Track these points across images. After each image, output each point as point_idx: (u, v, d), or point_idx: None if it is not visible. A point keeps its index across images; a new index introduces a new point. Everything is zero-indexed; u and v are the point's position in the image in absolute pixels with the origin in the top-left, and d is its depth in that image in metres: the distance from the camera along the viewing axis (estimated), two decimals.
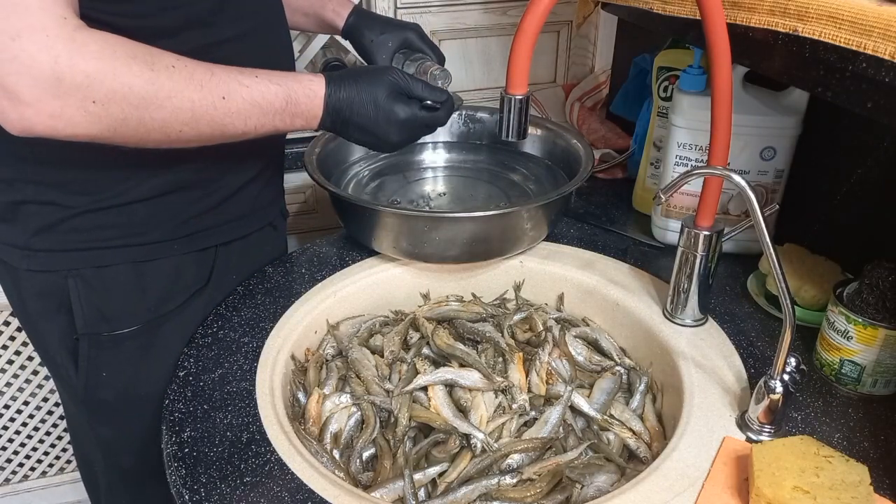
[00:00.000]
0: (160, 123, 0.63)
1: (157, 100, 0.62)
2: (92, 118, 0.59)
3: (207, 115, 0.65)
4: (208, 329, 0.82)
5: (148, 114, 0.62)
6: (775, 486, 0.56)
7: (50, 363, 0.84)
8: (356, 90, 0.73)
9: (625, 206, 1.12)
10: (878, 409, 0.71)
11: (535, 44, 0.66)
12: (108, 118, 0.60)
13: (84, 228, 0.74)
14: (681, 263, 0.80)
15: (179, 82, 0.63)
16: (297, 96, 0.70)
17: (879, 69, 0.52)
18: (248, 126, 0.68)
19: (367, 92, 0.73)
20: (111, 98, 0.59)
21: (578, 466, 0.69)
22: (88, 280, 0.76)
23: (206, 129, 0.66)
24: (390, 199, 1.00)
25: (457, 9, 1.32)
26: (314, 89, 0.71)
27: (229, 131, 0.68)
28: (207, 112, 0.65)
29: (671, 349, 0.79)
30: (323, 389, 0.78)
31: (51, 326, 0.79)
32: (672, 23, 0.79)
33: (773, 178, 0.92)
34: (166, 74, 0.62)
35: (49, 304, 0.78)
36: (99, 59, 0.58)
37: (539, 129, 1.08)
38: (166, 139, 0.65)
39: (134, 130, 0.62)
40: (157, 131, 0.63)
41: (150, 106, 0.61)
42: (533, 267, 0.95)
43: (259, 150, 0.81)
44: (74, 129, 0.59)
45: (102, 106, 0.59)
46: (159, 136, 0.64)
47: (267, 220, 0.92)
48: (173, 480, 0.64)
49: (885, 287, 0.71)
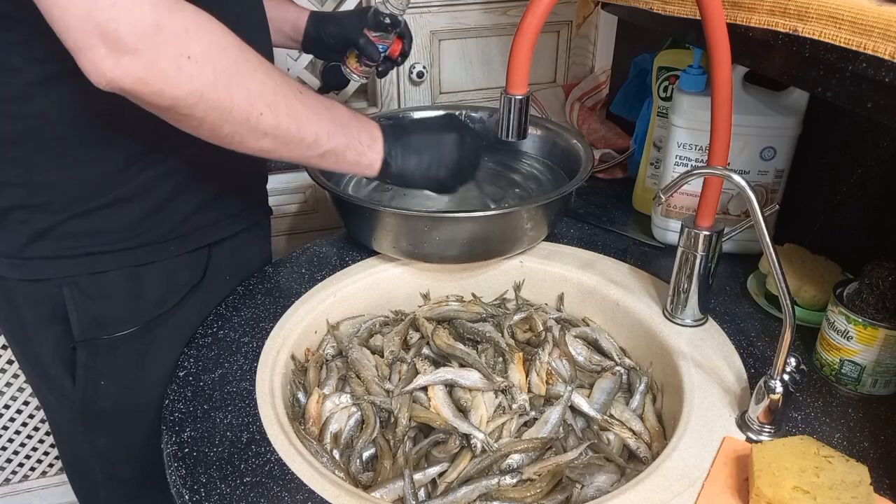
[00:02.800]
0: (245, 95, 0.61)
1: (247, 66, 0.60)
2: (183, 75, 0.57)
3: (287, 101, 0.64)
4: (208, 329, 0.82)
5: (236, 81, 0.60)
6: (775, 486, 0.56)
7: (41, 376, 0.81)
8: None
9: (625, 206, 1.12)
10: (878, 409, 0.71)
11: (535, 44, 0.66)
12: (199, 78, 0.57)
13: (78, 233, 0.72)
14: (681, 263, 0.80)
15: (264, 62, 0.62)
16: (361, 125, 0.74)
17: (879, 69, 0.52)
18: (321, 129, 0.68)
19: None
20: (206, 55, 0.57)
21: (578, 466, 0.69)
22: (83, 287, 0.74)
23: (285, 120, 0.64)
24: (390, 199, 1.00)
25: (457, 9, 1.32)
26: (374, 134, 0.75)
27: (304, 130, 0.66)
28: (287, 98, 0.64)
29: (671, 349, 0.79)
30: (323, 389, 0.78)
31: (44, 337, 0.77)
32: (672, 23, 0.79)
33: (773, 178, 0.92)
34: (252, 52, 0.61)
35: (43, 314, 0.76)
36: (197, 15, 0.57)
37: (539, 129, 1.08)
38: (244, 122, 0.62)
39: (218, 99, 0.59)
40: (241, 107, 0.61)
41: (240, 72, 0.60)
42: (533, 267, 0.95)
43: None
44: (163, 84, 0.56)
45: (196, 63, 0.57)
46: (240, 114, 0.61)
47: (255, 218, 0.91)
48: (173, 480, 0.64)
49: (885, 287, 0.71)
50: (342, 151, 0.72)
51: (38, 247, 0.72)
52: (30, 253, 0.72)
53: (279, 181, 1.34)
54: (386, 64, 1.00)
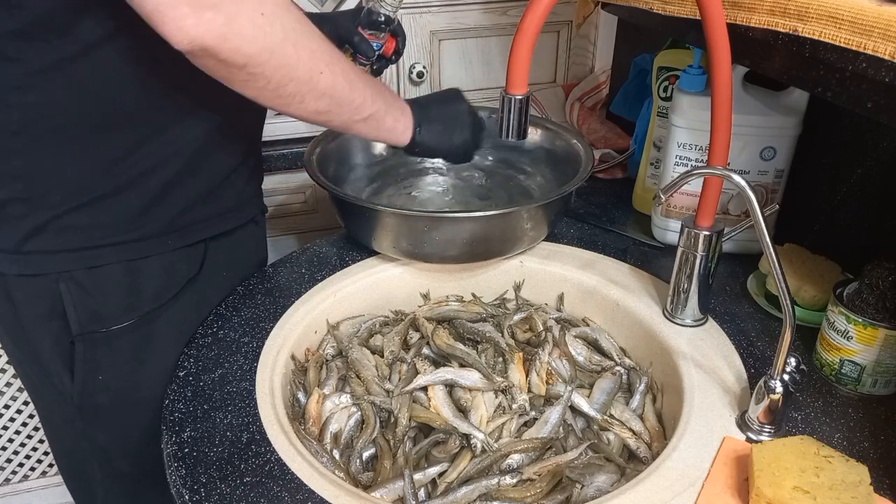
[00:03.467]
0: (309, 53, 0.65)
1: (308, 27, 0.65)
2: (258, 31, 0.60)
3: (341, 63, 0.69)
4: (208, 329, 0.82)
5: (302, 39, 0.64)
6: (775, 486, 0.56)
7: (39, 373, 0.81)
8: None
9: (625, 206, 1.12)
10: (878, 409, 0.71)
11: (535, 44, 0.66)
12: (271, 35, 0.61)
13: (77, 227, 0.72)
14: (681, 263, 0.80)
15: (315, 27, 0.66)
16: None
17: (879, 69, 0.52)
18: (366, 93, 0.73)
19: None
20: (277, 13, 0.61)
21: (578, 466, 0.69)
22: (80, 281, 0.74)
23: (340, 80, 0.69)
24: (390, 199, 1.00)
25: (457, 9, 1.32)
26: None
27: (355, 92, 0.71)
28: (341, 60, 0.69)
29: (671, 349, 0.79)
30: (323, 389, 0.78)
31: (43, 334, 0.77)
32: (672, 23, 0.79)
33: (773, 178, 0.92)
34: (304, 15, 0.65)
35: (41, 310, 0.75)
36: None
37: (539, 129, 1.08)
38: (307, 80, 0.66)
39: (287, 57, 0.63)
40: (305, 66, 0.65)
41: (305, 31, 0.64)
42: (533, 267, 0.95)
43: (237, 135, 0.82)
44: (241, 40, 0.59)
45: (268, 20, 0.60)
46: (304, 73, 0.65)
47: (251, 215, 0.92)
48: (173, 480, 0.64)
49: (885, 287, 0.71)
50: (382, 116, 0.77)
51: (37, 241, 0.72)
52: (28, 247, 0.72)
53: (279, 181, 1.34)
54: (380, 62, 1.01)
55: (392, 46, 0.99)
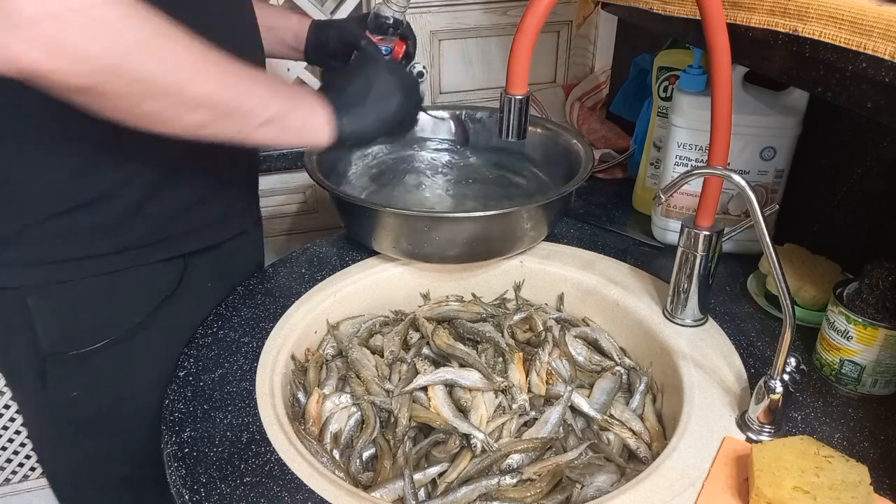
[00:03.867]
0: (172, 60, 0.55)
1: (169, 31, 0.55)
2: (94, 46, 0.51)
3: (218, 66, 0.59)
4: (208, 329, 0.82)
5: (159, 46, 0.54)
6: (775, 486, 0.56)
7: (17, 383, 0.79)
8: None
9: (625, 206, 1.12)
10: (878, 409, 0.71)
11: (535, 44, 0.66)
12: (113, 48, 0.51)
13: (44, 238, 0.68)
14: (681, 263, 0.80)
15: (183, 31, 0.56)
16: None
17: (879, 69, 0.52)
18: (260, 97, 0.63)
19: None
20: (120, 20, 0.52)
21: (578, 466, 0.69)
22: (51, 297, 0.70)
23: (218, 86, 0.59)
24: (390, 199, 1.00)
25: (457, 9, 1.32)
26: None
27: (244, 96, 0.61)
28: (217, 64, 0.59)
29: (671, 349, 0.79)
30: (323, 389, 0.78)
31: (15, 348, 0.73)
32: (672, 23, 0.79)
33: (773, 178, 0.92)
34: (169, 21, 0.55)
35: (11, 325, 0.71)
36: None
37: (539, 129, 1.08)
38: (174, 91, 0.56)
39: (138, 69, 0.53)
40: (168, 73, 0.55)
41: (162, 36, 0.55)
42: (533, 267, 0.95)
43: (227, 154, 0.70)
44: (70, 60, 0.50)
45: (110, 30, 0.51)
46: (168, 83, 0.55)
47: (240, 228, 0.88)
48: (173, 480, 0.64)
49: (885, 287, 0.71)
50: (283, 118, 0.65)
51: (7, 251, 0.68)
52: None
53: (279, 181, 1.34)
54: None
55: (402, 50, 0.96)
